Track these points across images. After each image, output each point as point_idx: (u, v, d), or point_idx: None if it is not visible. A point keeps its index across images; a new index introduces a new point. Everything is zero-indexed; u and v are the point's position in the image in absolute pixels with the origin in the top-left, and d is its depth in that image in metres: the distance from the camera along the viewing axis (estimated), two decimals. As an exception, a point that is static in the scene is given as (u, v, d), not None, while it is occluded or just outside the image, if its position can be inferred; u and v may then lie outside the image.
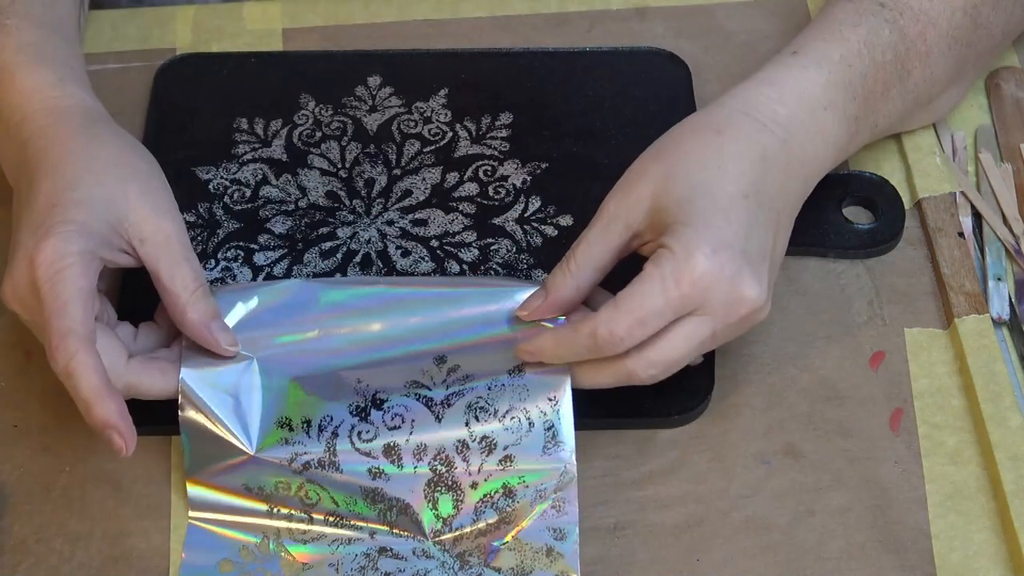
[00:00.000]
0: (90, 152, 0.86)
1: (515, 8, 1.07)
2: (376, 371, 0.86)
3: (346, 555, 0.83)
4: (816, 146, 0.88)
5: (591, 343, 0.81)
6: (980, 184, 0.97)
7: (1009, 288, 0.93)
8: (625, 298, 0.81)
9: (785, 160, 0.86)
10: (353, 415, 0.85)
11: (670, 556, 0.84)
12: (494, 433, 0.84)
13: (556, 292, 0.85)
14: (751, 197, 0.83)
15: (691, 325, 0.82)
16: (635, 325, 0.80)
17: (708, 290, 0.81)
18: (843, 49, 0.89)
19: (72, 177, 0.84)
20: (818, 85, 0.88)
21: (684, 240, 0.81)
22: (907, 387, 0.90)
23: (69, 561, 0.84)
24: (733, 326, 0.83)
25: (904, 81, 0.91)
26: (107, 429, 0.79)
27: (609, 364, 0.83)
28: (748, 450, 0.88)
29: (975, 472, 0.87)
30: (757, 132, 0.86)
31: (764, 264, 0.83)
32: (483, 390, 0.85)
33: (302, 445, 0.84)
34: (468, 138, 1.00)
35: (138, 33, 1.06)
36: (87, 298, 0.81)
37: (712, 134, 0.85)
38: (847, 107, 0.89)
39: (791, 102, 0.87)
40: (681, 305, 0.81)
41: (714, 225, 0.81)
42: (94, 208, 0.83)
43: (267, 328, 0.87)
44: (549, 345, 0.83)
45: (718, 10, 1.07)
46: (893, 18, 0.90)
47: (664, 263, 0.81)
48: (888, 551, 0.84)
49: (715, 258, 0.81)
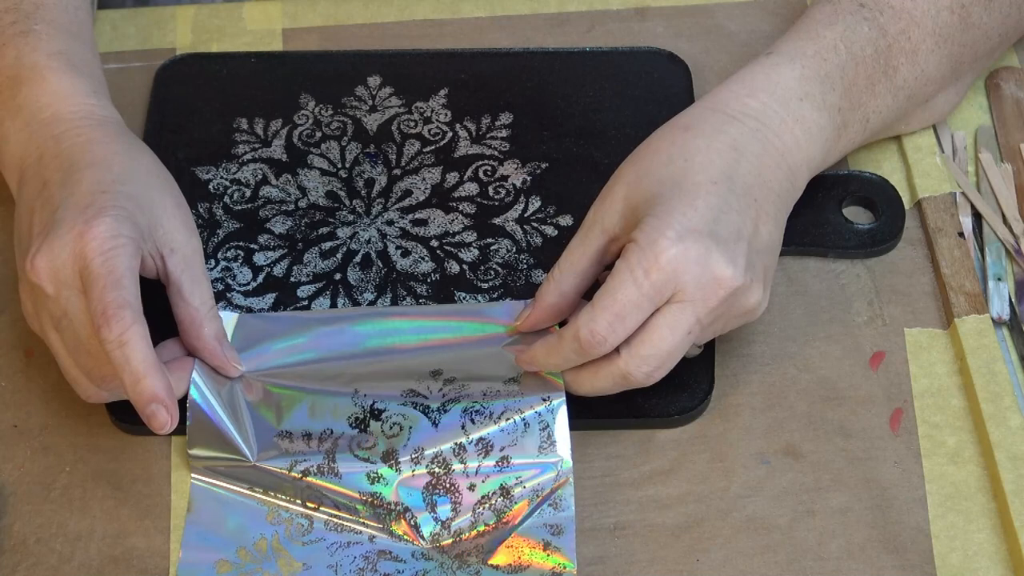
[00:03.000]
0: (132, 156, 0.87)
1: (515, 8, 1.07)
2: (374, 383, 0.87)
3: (345, 557, 0.83)
4: (796, 136, 0.88)
5: (576, 346, 0.82)
6: (980, 184, 0.97)
7: (1009, 288, 0.93)
8: (600, 297, 0.82)
9: (760, 148, 0.86)
10: (352, 427, 0.85)
11: (670, 556, 0.84)
12: (490, 435, 0.84)
13: (541, 300, 0.87)
14: (720, 183, 0.84)
15: (671, 313, 0.82)
16: (614, 321, 0.81)
17: (678, 274, 0.81)
18: (817, 45, 0.90)
19: (120, 173, 0.85)
20: (791, 79, 0.89)
21: (648, 230, 0.82)
22: (907, 387, 0.90)
23: (69, 561, 0.84)
24: (715, 310, 0.83)
25: (892, 77, 0.91)
26: (153, 403, 0.80)
27: (604, 368, 0.84)
28: (748, 450, 0.88)
29: (975, 472, 0.87)
30: (725, 124, 0.87)
31: (739, 246, 0.83)
32: (478, 395, 0.86)
33: (301, 454, 0.85)
34: (468, 138, 1.00)
35: (138, 33, 1.06)
36: (137, 278, 0.82)
37: (680, 131, 0.87)
38: (826, 97, 0.89)
39: (762, 95, 0.88)
40: (655, 293, 0.81)
41: (678, 211, 0.82)
42: (139, 206, 0.84)
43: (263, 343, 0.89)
44: (541, 354, 0.85)
45: (718, 10, 1.07)
46: (872, 16, 0.91)
47: (631, 255, 0.82)
48: (888, 551, 0.84)
49: (680, 243, 0.81)
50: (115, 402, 0.87)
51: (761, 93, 0.88)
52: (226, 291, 0.93)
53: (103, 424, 0.88)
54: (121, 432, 0.88)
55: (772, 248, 0.86)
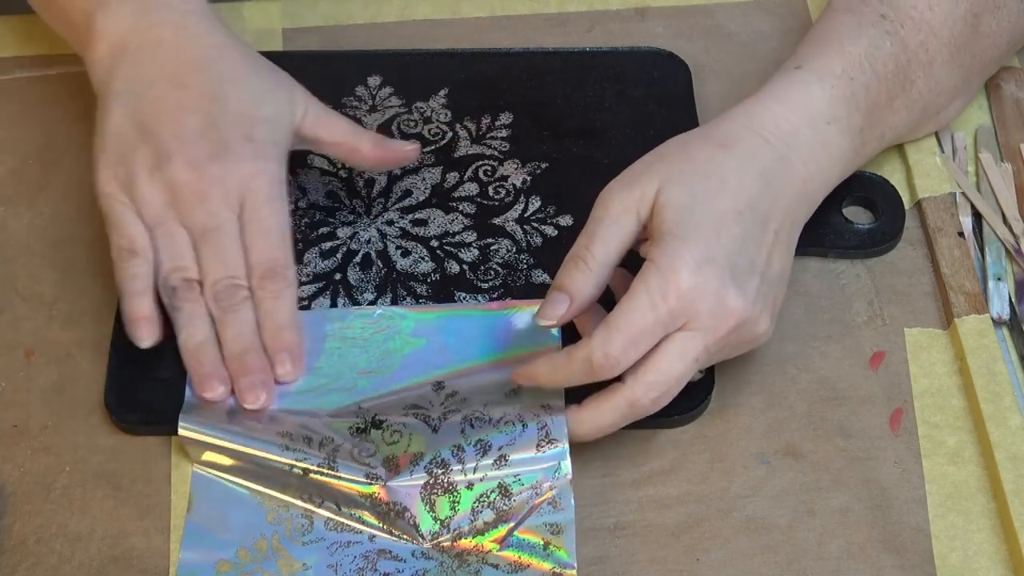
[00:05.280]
0: (252, 63, 0.92)
1: (515, 8, 1.07)
2: (375, 397, 0.88)
3: (345, 556, 0.83)
4: (820, 161, 0.88)
5: (587, 367, 0.82)
6: (980, 184, 0.97)
7: (1009, 288, 0.93)
8: (616, 318, 0.81)
9: (787, 176, 0.86)
10: (353, 435, 0.85)
11: (670, 556, 0.84)
12: (489, 436, 0.84)
13: (580, 294, 0.84)
14: (745, 213, 0.84)
15: (682, 341, 0.82)
16: (629, 345, 0.81)
17: (694, 303, 0.81)
18: (844, 63, 0.89)
19: (255, 91, 0.91)
20: (822, 100, 0.88)
21: (670, 253, 0.82)
22: (907, 387, 0.90)
23: (69, 561, 0.84)
24: (724, 339, 0.83)
25: (908, 92, 0.91)
26: (287, 351, 0.88)
27: (607, 401, 0.83)
28: (748, 450, 0.88)
29: (975, 472, 0.87)
30: (759, 148, 0.86)
31: (753, 278, 0.83)
32: (479, 405, 0.86)
33: (302, 453, 0.85)
34: (468, 138, 1.00)
35: (138, 33, 1.06)
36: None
37: (717, 147, 0.86)
38: (851, 120, 0.89)
39: (794, 118, 0.87)
40: (670, 320, 0.81)
41: (703, 239, 0.82)
42: (279, 126, 0.90)
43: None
44: (544, 371, 0.84)
45: (718, 10, 1.07)
46: (894, 29, 0.91)
47: (650, 278, 0.81)
48: (888, 551, 0.84)
49: (699, 273, 0.81)
50: (115, 402, 0.88)
51: (793, 115, 0.88)
52: (226, 291, 0.93)
53: (103, 424, 0.88)
54: (121, 432, 0.88)
55: (782, 278, 0.86)
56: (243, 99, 0.90)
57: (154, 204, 0.87)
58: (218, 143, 0.88)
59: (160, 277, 0.87)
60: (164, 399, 0.88)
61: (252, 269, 0.88)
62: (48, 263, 0.95)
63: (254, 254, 0.88)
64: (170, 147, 0.87)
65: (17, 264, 0.95)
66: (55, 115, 1.01)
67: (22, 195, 0.98)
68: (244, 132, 0.89)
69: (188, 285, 0.87)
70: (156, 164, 0.87)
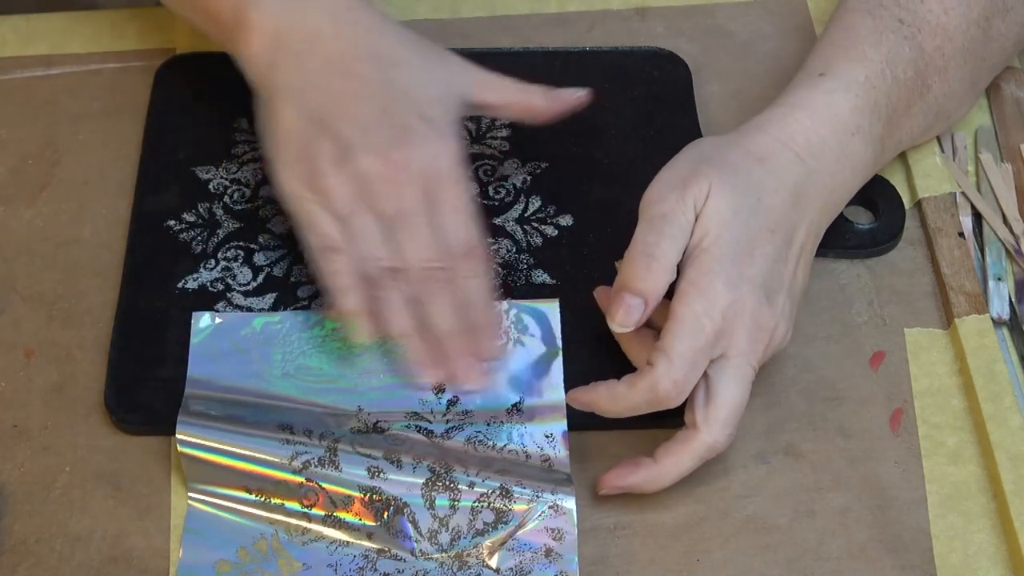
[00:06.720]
0: (409, 36, 0.92)
1: (515, 8, 1.07)
2: (376, 400, 0.87)
3: (344, 556, 0.83)
4: (844, 175, 0.88)
5: (651, 397, 0.82)
6: (980, 184, 0.97)
7: (1009, 288, 0.93)
8: (672, 345, 0.82)
9: (815, 192, 0.87)
10: (354, 434, 0.85)
11: (670, 556, 0.84)
12: (492, 453, 0.85)
13: (654, 294, 0.83)
14: (777, 232, 0.84)
15: (734, 369, 0.83)
16: (690, 370, 0.82)
17: (732, 323, 0.82)
18: (867, 70, 0.89)
19: (420, 69, 0.90)
20: (846, 110, 0.88)
21: (707, 272, 0.82)
22: (907, 387, 0.90)
23: (69, 561, 0.84)
24: (762, 356, 0.84)
25: (925, 97, 0.92)
26: (492, 332, 0.89)
27: (687, 449, 0.83)
28: (748, 450, 0.88)
29: (975, 472, 0.87)
30: (793, 164, 0.86)
31: (780, 294, 0.84)
32: (482, 426, 0.86)
33: (303, 446, 0.84)
34: (468, 138, 1.00)
35: (138, 33, 1.06)
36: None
37: (755, 162, 0.86)
38: (873, 129, 0.89)
39: (823, 130, 0.88)
40: (715, 340, 0.82)
41: (739, 259, 0.83)
42: (451, 100, 0.90)
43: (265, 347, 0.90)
44: (604, 400, 0.84)
45: (718, 10, 1.07)
46: (912, 34, 0.91)
47: (694, 300, 0.82)
48: (888, 551, 0.84)
49: (737, 291, 0.82)
50: (115, 402, 0.88)
51: (822, 128, 0.88)
52: (226, 291, 0.93)
53: (103, 424, 0.88)
54: (121, 432, 0.88)
55: (802, 290, 0.87)
56: (411, 81, 0.89)
57: (343, 197, 0.87)
58: (397, 128, 0.87)
59: (358, 267, 0.87)
60: (164, 399, 0.88)
61: (449, 250, 0.87)
62: (48, 263, 0.95)
63: (449, 235, 0.87)
64: (351, 138, 0.87)
65: (17, 264, 0.95)
66: (55, 115, 1.01)
67: (22, 195, 0.98)
68: (419, 114, 0.88)
69: (388, 273, 0.87)
70: (339, 157, 0.87)
